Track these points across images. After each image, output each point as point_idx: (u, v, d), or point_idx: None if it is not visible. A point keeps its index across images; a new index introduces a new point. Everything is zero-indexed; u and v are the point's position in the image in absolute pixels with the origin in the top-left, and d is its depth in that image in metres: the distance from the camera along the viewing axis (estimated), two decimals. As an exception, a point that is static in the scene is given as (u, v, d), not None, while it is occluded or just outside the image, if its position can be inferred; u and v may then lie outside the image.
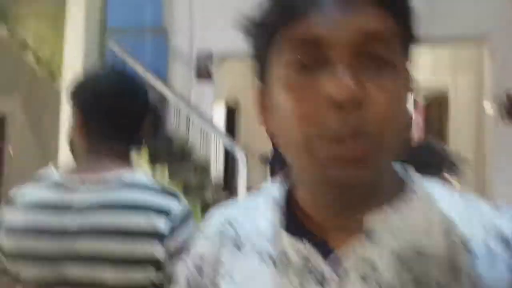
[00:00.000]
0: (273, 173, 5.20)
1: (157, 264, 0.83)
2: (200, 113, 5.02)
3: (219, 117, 5.95)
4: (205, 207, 4.60)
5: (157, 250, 0.83)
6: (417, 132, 6.94)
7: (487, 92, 4.99)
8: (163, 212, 0.86)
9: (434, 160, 1.25)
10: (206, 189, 4.90)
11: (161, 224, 0.85)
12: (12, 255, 0.88)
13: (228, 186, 5.03)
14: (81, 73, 1.19)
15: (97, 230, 0.85)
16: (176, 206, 0.88)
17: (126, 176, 0.91)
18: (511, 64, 4.53)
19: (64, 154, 4.73)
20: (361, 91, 0.40)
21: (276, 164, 5.25)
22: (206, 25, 5.81)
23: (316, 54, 0.42)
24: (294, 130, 0.43)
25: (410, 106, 0.46)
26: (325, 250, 0.45)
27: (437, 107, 6.50)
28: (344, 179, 0.41)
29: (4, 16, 5.57)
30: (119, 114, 0.96)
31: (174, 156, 4.97)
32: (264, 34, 0.47)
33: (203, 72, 5.79)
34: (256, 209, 0.53)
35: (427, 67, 5.65)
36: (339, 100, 0.40)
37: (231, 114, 6.99)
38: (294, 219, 0.49)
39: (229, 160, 5.28)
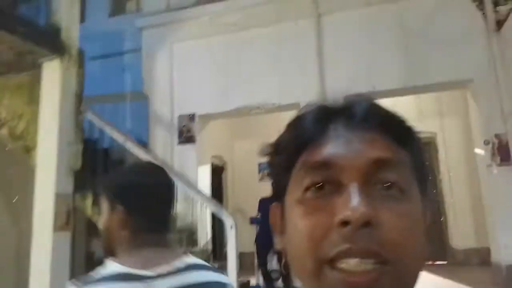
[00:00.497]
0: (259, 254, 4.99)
1: None
2: (184, 177, 4.78)
3: (205, 180, 5.71)
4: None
5: None
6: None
7: (476, 135, 4.91)
8: (228, 285, 1.03)
9: None
10: (194, 260, 4.55)
11: None
12: None
13: (218, 254, 4.68)
14: (122, 170, 1.22)
15: None
16: (229, 280, 1.05)
17: (188, 260, 1.02)
18: (496, 107, 4.49)
19: (37, 233, 4.40)
20: (372, 212, 0.41)
21: (261, 241, 5.05)
22: (187, 88, 5.77)
23: (330, 178, 0.44)
24: (306, 255, 0.43)
25: (425, 235, 0.45)
26: None
27: (426, 152, 6.40)
28: None
29: (-23, 92, 5.43)
30: (162, 206, 1.06)
31: (157, 227, 4.65)
32: (284, 161, 0.49)
33: (185, 135, 5.64)
34: None
35: (413, 113, 5.62)
36: (349, 220, 0.40)
37: (218, 174, 6.77)
38: None
39: (217, 226, 4.98)
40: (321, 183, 0.45)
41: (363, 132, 0.46)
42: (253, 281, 5.13)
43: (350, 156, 0.44)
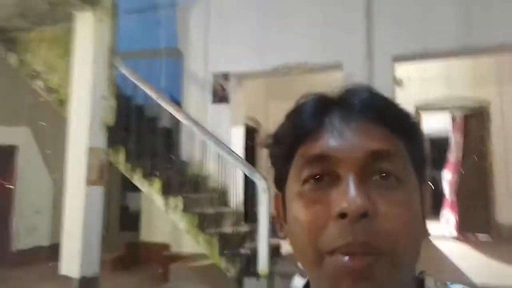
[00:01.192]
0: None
1: None
2: (217, 138, 4.63)
3: (238, 141, 5.54)
4: (224, 240, 4.15)
5: None
6: (456, 149, 6.33)
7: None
8: None
9: None
10: (224, 221, 4.45)
11: None
12: None
13: (249, 216, 4.57)
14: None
15: None
16: None
17: None
18: None
19: (70, 186, 4.42)
20: (368, 204, 0.42)
21: None
22: (221, 46, 5.52)
23: (327, 170, 0.45)
24: (306, 245, 0.44)
25: (422, 221, 0.47)
26: None
27: (478, 121, 5.93)
28: None
29: (13, 44, 5.41)
30: None
31: (188, 186, 4.56)
32: (283, 151, 0.50)
33: (219, 94, 5.44)
34: None
35: (468, 79, 5.14)
36: (346, 212, 0.41)
37: (252, 136, 6.57)
38: None
39: (250, 188, 4.84)
40: (319, 175, 0.45)
41: (360, 123, 0.46)
42: (284, 246, 5.02)
43: (347, 148, 0.45)
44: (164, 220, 5.01)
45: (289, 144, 0.49)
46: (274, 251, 4.68)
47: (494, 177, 5.84)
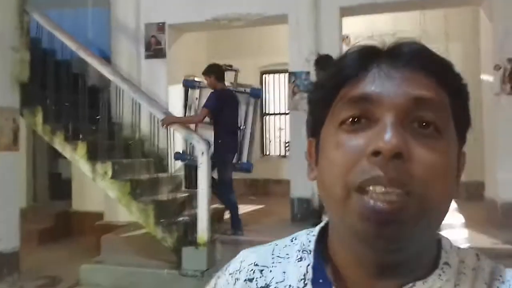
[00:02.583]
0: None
1: None
2: (150, 97, 4.17)
3: (176, 101, 5.10)
4: (160, 208, 3.82)
5: None
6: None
7: (485, 60, 4.35)
8: None
9: None
10: (161, 188, 4.09)
11: None
12: None
13: (193, 182, 4.23)
14: None
15: None
16: None
17: None
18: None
19: None
20: (403, 145, 0.42)
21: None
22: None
23: (366, 113, 0.45)
24: (336, 182, 0.45)
25: (455, 179, 0.46)
26: None
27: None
28: (377, 236, 0.42)
29: None
30: None
31: (119, 151, 4.10)
32: (323, 95, 0.50)
33: (154, 48, 4.91)
34: (287, 259, 0.54)
35: (414, 35, 5.01)
36: (380, 150, 0.42)
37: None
38: (324, 274, 0.50)
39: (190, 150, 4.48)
40: (357, 117, 0.45)
41: (407, 71, 0.45)
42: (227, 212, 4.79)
43: (390, 92, 0.44)
44: (97, 188, 4.56)
45: (331, 87, 0.48)
46: (217, 216, 4.43)
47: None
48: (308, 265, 0.51)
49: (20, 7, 4.07)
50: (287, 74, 4.93)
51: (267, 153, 7.59)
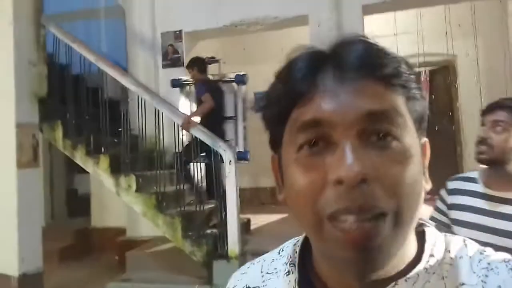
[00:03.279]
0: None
1: None
2: (172, 105, 4.04)
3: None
4: (187, 220, 3.66)
5: None
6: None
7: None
8: None
9: None
10: (186, 199, 3.94)
11: None
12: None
13: (212, 192, 4.07)
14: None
15: None
16: None
17: None
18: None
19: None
20: (365, 170, 0.40)
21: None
22: (170, 0, 4.84)
23: (322, 135, 0.43)
24: (305, 210, 0.43)
25: (422, 177, 0.45)
26: None
27: (444, 76, 5.72)
28: (356, 261, 0.41)
29: None
30: None
31: (142, 163, 3.96)
32: (275, 115, 0.48)
33: (171, 57, 4.80)
34: (276, 273, 0.55)
35: (432, 32, 4.85)
36: (343, 180, 0.40)
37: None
38: (312, 286, 0.50)
39: (212, 160, 4.33)
40: (314, 141, 0.44)
41: (355, 81, 0.43)
42: (254, 219, 4.61)
43: (341, 111, 0.43)
44: (117, 203, 4.42)
45: (281, 107, 0.47)
46: (244, 227, 4.26)
47: (462, 135, 5.71)
48: (295, 279, 0.51)
49: (36, 20, 3.99)
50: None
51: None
